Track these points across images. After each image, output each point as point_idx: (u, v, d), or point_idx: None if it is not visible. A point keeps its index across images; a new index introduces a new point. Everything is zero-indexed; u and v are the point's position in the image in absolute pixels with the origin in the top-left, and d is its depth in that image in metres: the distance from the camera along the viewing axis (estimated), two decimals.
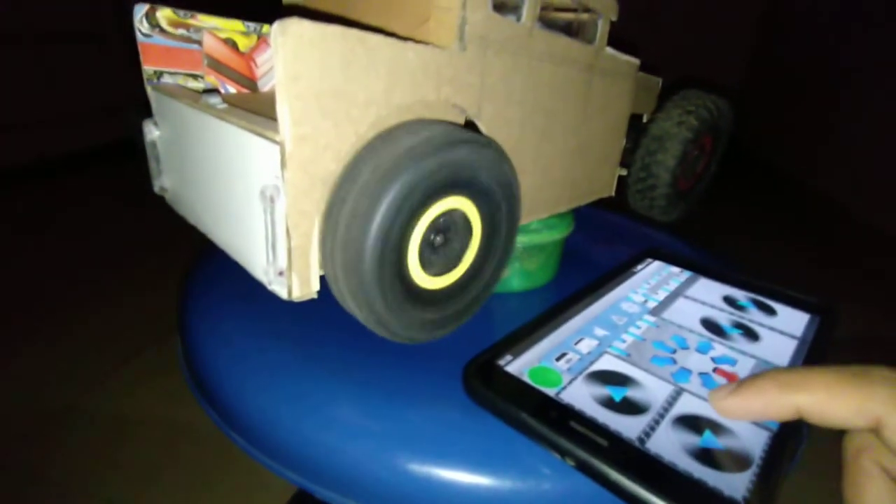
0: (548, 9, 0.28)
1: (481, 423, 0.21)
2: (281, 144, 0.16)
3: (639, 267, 0.32)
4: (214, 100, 0.21)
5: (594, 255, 0.38)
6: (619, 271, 0.31)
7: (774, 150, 1.93)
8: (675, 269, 0.32)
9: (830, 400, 0.16)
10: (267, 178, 0.17)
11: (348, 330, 0.24)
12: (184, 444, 0.73)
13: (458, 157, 0.18)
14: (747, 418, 0.19)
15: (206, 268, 0.31)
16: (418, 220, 0.19)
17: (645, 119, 0.38)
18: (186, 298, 0.29)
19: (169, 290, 1.07)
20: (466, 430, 0.21)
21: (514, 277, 0.32)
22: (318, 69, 0.16)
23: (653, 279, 0.30)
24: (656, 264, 0.32)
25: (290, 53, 0.15)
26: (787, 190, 1.77)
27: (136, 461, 0.70)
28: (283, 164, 0.17)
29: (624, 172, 0.36)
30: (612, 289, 0.29)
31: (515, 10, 0.22)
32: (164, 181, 0.26)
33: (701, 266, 0.32)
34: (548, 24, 0.24)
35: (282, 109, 0.16)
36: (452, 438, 0.21)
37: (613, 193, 0.35)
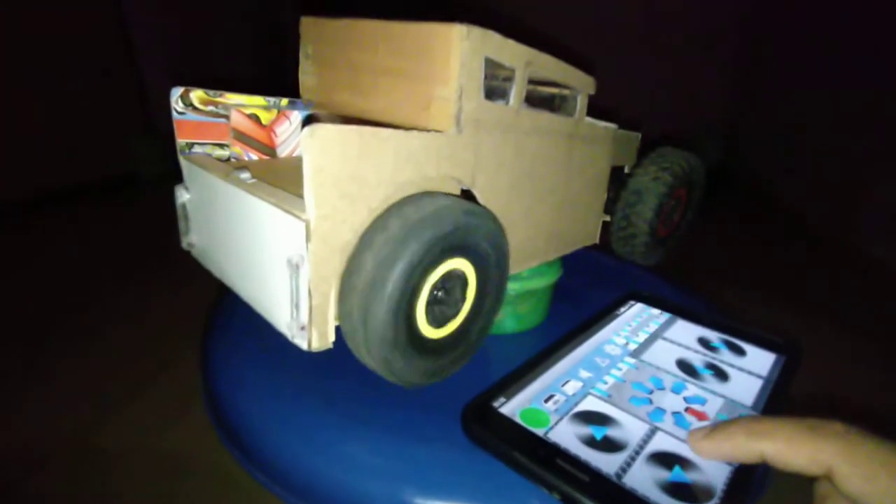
0: (533, 84, 0.32)
1: (479, 461, 0.23)
2: (307, 222, 0.19)
3: (622, 309, 0.34)
4: (244, 175, 0.24)
5: (582, 296, 0.41)
6: (604, 314, 0.33)
7: (764, 180, 1.99)
8: (656, 312, 0.34)
9: (789, 449, 0.19)
10: (293, 248, 0.20)
11: (358, 375, 0.27)
12: (189, 478, 0.74)
13: (458, 225, 0.21)
14: (718, 459, 0.21)
15: (227, 312, 0.34)
16: (425, 280, 0.22)
17: (626, 170, 0.42)
18: (210, 340, 0.32)
19: (177, 320, 1.09)
20: (465, 467, 0.23)
21: (508, 320, 0.34)
22: (339, 161, 0.19)
23: (634, 321, 0.33)
24: (638, 307, 0.35)
25: (316, 152, 0.18)
26: (776, 219, 1.82)
27: (148, 492, 0.71)
28: (307, 238, 0.20)
29: (608, 219, 0.39)
30: (596, 331, 0.31)
31: (504, 94, 0.26)
32: (192, 238, 0.29)
33: (679, 308, 0.35)
34: (533, 98, 0.28)
35: (308, 195, 0.19)
36: (453, 475, 0.23)
37: (597, 241, 0.38)
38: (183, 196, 0.28)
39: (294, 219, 0.20)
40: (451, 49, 0.22)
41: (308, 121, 0.19)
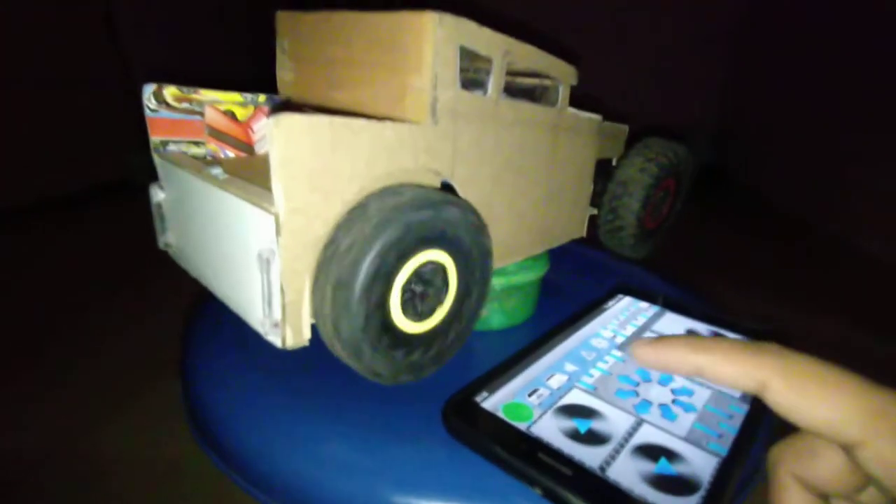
0: (513, 75, 0.31)
1: (460, 458, 0.22)
2: (276, 216, 0.19)
3: (610, 303, 0.34)
4: (216, 171, 0.23)
5: (571, 290, 0.41)
6: (591, 308, 0.33)
7: (752, 177, 1.99)
8: (644, 305, 0.34)
9: (726, 363, 0.19)
10: (263, 242, 0.20)
11: (338, 374, 0.26)
12: (181, 483, 0.73)
13: (427, 216, 0.21)
14: (657, 368, 0.22)
15: (205, 317, 0.33)
16: (398, 273, 0.21)
17: (614, 163, 0.41)
18: (188, 346, 0.31)
19: (164, 331, 1.08)
20: (446, 464, 0.23)
21: (494, 316, 0.34)
22: (308, 152, 0.19)
23: (622, 315, 0.32)
24: (626, 300, 0.34)
25: (283, 142, 0.18)
26: (765, 215, 1.82)
27: (141, 499, 0.70)
28: (277, 232, 0.19)
29: (595, 212, 0.39)
30: (583, 325, 0.31)
31: (483, 82, 0.25)
32: (169, 238, 0.28)
33: (668, 301, 0.34)
34: (513, 90, 0.27)
35: (276, 187, 0.18)
36: (433, 472, 0.22)
37: (584, 234, 0.38)
38: (158, 195, 0.28)
39: (263, 212, 0.19)
40: (423, 37, 0.22)
41: (275, 111, 0.18)
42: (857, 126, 1.50)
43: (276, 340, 0.21)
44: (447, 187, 0.25)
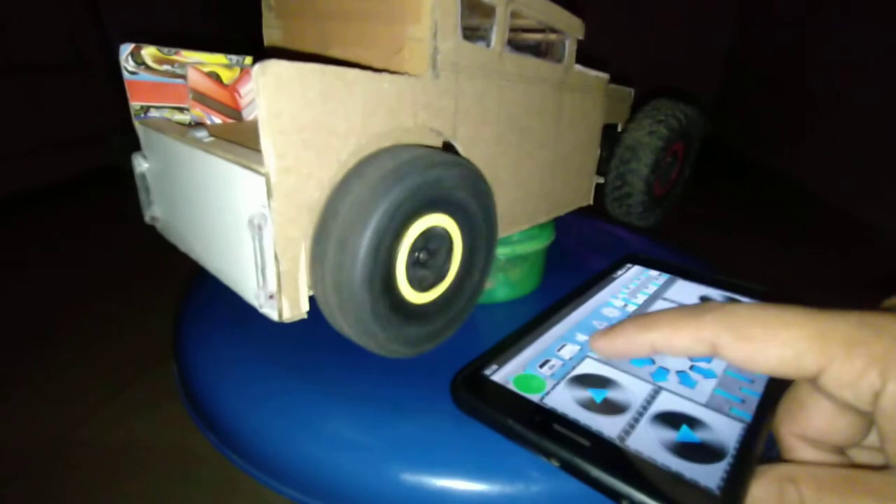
0: (517, 31, 0.29)
1: (470, 432, 0.21)
2: (266, 176, 0.17)
3: (619, 272, 0.33)
4: (201, 133, 0.21)
5: (577, 262, 0.39)
6: (600, 277, 0.32)
7: (754, 145, 1.97)
8: (654, 273, 0.33)
9: (674, 334, 0.19)
10: (254, 207, 0.18)
11: (339, 348, 0.25)
12: (182, 469, 0.73)
13: (433, 177, 0.19)
14: (616, 357, 0.22)
15: (199, 294, 0.32)
16: (402, 238, 0.20)
17: (619, 128, 0.40)
18: (181, 324, 0.30)
19: (158, 317, 1.07)
20: (456, 439, 0.22)
21: (500, 288, 0.33)
22: (298, 105, 0.17)
23: (632, 283, 0.31)
24: (636, 269, 0.33)
25: (271, 91, 0.16)
26: (767, 183, 1.81)
27: (135, 490, 0.70)
28: (268, 194, 0.17)
29: (601, 180, 0.37)
30: (593, 295, 0.30)
31: (485, 36, 0.23)
32: (155, 211, 0.27)
33: (678, 268, 0.33)
34: (517, 45, 0.25)
35: (266, 144, 0.17)
36: (443, 448, 0.21)
37: (591, 202, 0.36)
38: (141, 165, 0.26)
39: (252, 174, 0.18)
40: None
41: (259, 59, 0.16)
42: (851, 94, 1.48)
43: (272, 313, 0.19)
44: (448, 148, 0.24)
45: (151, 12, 1.89)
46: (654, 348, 0.20)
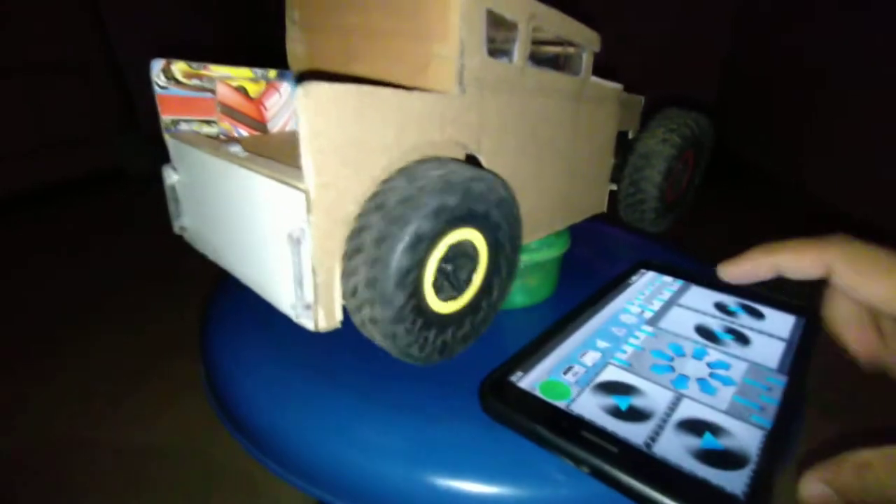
0: (536, 45, 0.30)
1: (497, 437, 0.22)
2: (306, 192, 0.18)
3: (633, 278, 0.33)
4: (235, 149, 0.22)
5: (590, 268, 0.40)
6: (615, 284, 0.32)
7: (755, 151, 1.98)
8: (668, 279, 0.33)
9: (797, 256, 0.23)
10: (293, 221, 0.19)
11: (365, 354, 0.26)
12: (199, 467, 0.74)
13: (466, 192, 0.20)
14: (745, 279, 0.27)
15: (225, 299, 0.32)
16: (433, 250, 0.20)
17: (630, 135, 0.40)
18: (208, 329, 0.30)
19: (165, 317, 1.07)
20: (484, 443, 0.22)
21: (517, 294, 0.33)
22: (336, 124, 0.18)
23: (647, 289, 0.32)
24: (650, 275, 0.34)
25: (312, 112, 0.17)
26: (768, 188, 1.81)
27: (155, 489, 0.71)
28: (308, 210, 0.18)
29: (614, 187, 0.38)
30: (609, 301, 0.30)
31: (508, 52, 0.24)
32: (184, 221, 0.27)
33: (692, 274, 0.34)
34: (537, 58, 0.26)
35: (306, 161, 0.17)
36: (472, 452, 0.22)
37: (605, 209, 0.37)
38: (171, 177, 0.27)
39: (293, 189, 0.18)
40: (449, 2, 0.21)
41: (300, 80, 0.17)
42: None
43: (308, 323, 0.20)
44: (472, 160, 0.24)
45: (151, 13, 1.89)
46: (778, 269, 0.24)
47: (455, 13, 0.20)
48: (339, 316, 0.21)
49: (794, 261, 0.22)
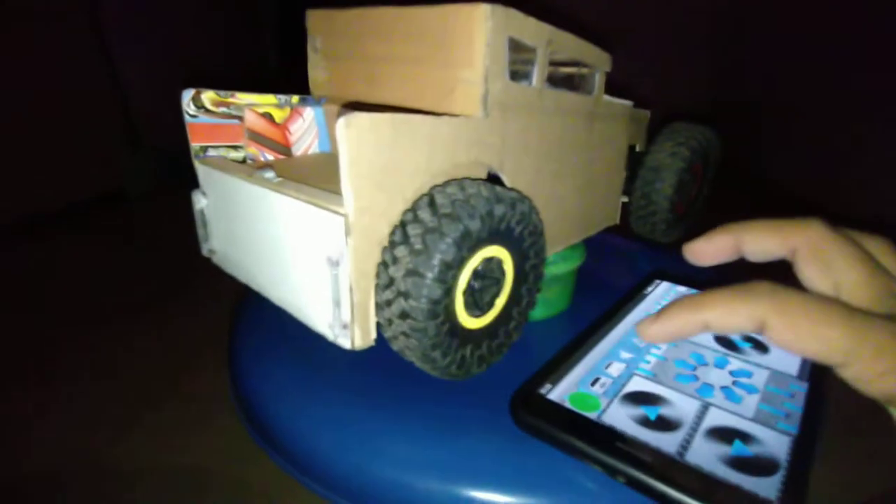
0: (553, 66, 0.31)
1: (527, 448, 0.22)
2: (346, 216, 0.19)
3: (648, 289, 0.34)
4: (269, 174, 0.23)
5: (602, 280, 0.41)
6: (631, 295, 0.33)
7: (746, 154, 2.00)
8: (682, 289, 0.34)
9: (730, 314, 0.21)
10: (332, 244, 0.20)
11: (391, 369, 0.26)
12: (213, 488, 0.73)
13: (497, 211, 0.21)
14: (669, 340, 0.24)
15: (249, 317, 0.33)
16: (460, 276, 0.21)
17: (638, 148, 0.41)
18: (236, 346, 0.31)
19: (179, 334, 1.07)
20: (516, 456, 0.23)
21: (536, 307, 0.34)
22: (374, 151, 0.18)
23: (663, 300, 0.33)
24: (664, 285, 0.35)
25: (353, 141, 0.18)
26: (770, 196, 1.83)
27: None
28: (347, 233, 0.19)
29: (626, 199, 0.39)
30: (627, 312, 0.31)
31: (527, 75, 0.25)
32: (213, 244, 0.28)
33: (705, 284, 0.34)
34: (553, 80, 0.27)
35: (346, 187, 0.18)
36: (505, 464, 0.22)
37: (618, 222, 0.38)
38: (200, 202, 0.27)
39: (332, 214, 0.19)
40: (475, 30, 0.21)
41: (342, 112, 0.18)
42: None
43: (345, 342, 0.21)
44: (493, 179, 0.25)
45: (154, 35, 1.92)
46: (707, 327, 0.22)
47: (481, 41, 0.21)
48: (373, 334, 0.22)
49: (727, 318, 0.21)
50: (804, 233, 0.23)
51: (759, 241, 0.24)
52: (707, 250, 0.26)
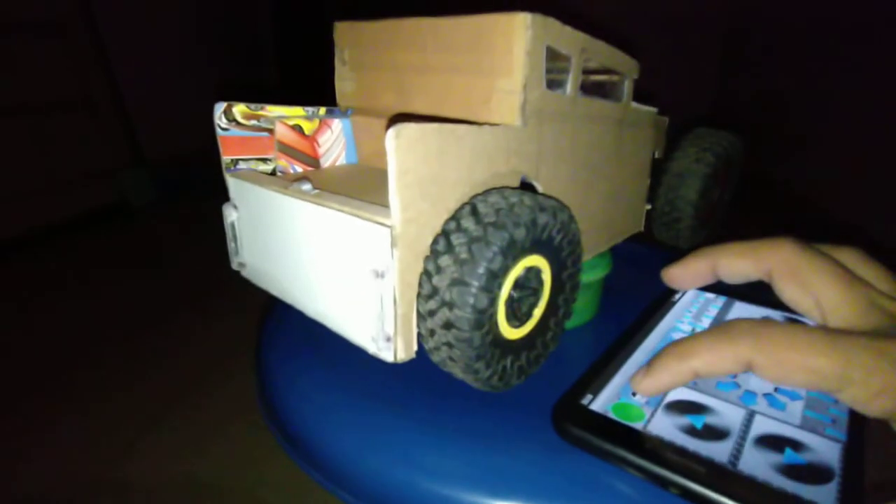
0: (585, 74, 0.31)
1: (568, 461, 0.22)
2: (392, 228, 0.18)
3: (677, 296, 0.34)
4: (306, 186, 0.23)
5: (626, 288, 0.40)
6: (660, 303, 0.33)
7: (753, 158, 2.00)
8: (711, 296, 0.34)
9: (716, 359, 0.21)
10: (377, 256, 0.19)
11: (421, 379, 0.26)
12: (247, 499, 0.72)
13: (540, 220, 0.21)
14: (663, 391, 0.23)
15: (274, 327, 0.33)
16: (505, 280, 0.21)
17: (657, 155, 0.41)
18: (263, 355, 0.31)
19: (187, 350, 1.07)
20: (557, 468, 0.22)
21: None
22: (421, 161, 0.18)
23: (693, 307, 0.32)
24: (691, 292, 0.34)
25: (402, 152, 0.18)
26: (776, 197, 1.83)
27: None
28: (393, 244, 0.19)
29: (649, 207, 0.38)
30: (659, 320, 0.31)
31: (562, 83, 0.25)
32: (244, 258, 0.28)
33: (734, 291, 0.34)
34: (585, 87, 0.27)
35: (393, 199, 0.18)
36: (542, 477, 0.22)
37: (643, 229, 0.38)
38: (232, 215, 0.27)
39: (377, 226, 0.19)
40: (514, 39, 0.22)
41: (391, 123, 0.18)
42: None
43: (388, 356, 0.20)
44: (527, 187, 0.25)
45: (157, 49, 1.93)
46: (697, 374, 0.22)
47: (521, 50, 0.21)
48: (415, 346, 0.21)
49: (714, 364, 0.21)
50: (776, 254, 0.23)
51: (732, 264, 0.25)
52: (684, 276, 0.28)
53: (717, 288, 0.34)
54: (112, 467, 0.79)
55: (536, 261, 0.22)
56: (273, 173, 0.29)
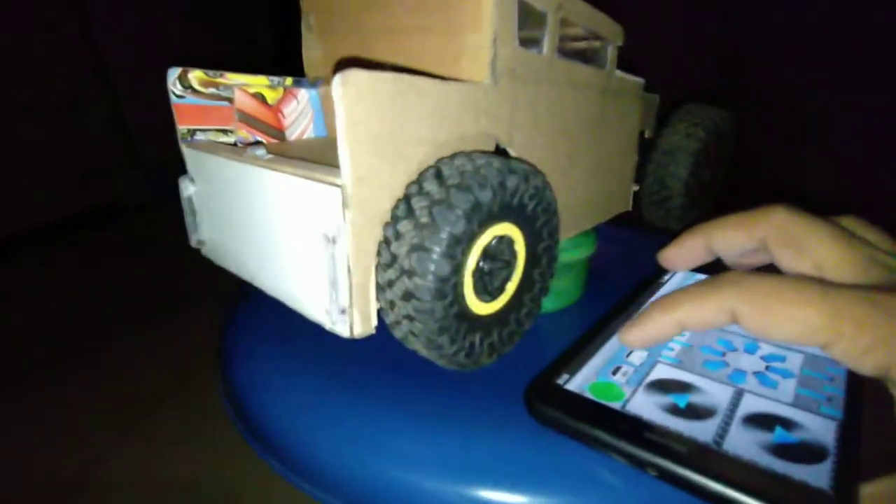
0: (564, 40, 0.29)
1: (544, 445, 0.21)
2: (343, 187, 0.17)
3: (665, 277, 0.32)
4: (260, 152, 0.21)
5: (613, 270, 0.39)
6: (648, 284, 0.31)
7: (752, 152, 1.99)
8: (700, 276, 0.32)
9: (699, 308, 0.20)
10: (328, 219, 0.18)
11: (393, 362, 0.25)
12: (220, 497, 0.71)
13: (510, 184, 0.19)
14: (650, 343, 0.22)
15: (242, 314, 0.31)
16: (469, 254, 0.19)
17: (647, 135, 0.40)
18: (227, 346, 0.29)
19: (173, 350, 1.05)
20: (533, 452, 0.21)
21: (546, 298, 0.32)
22: (374, 114, 0.17)
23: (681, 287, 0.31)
24: (680, 274, 0.33)
25: (350, 101, 0.16)
26: (768, 188, 1.81)
27: None
28: (344, 205, 0.17)
29: (636, 188, 0.37)
30: (645, 300, 0.29)
31: (537, 43, 0.23)
32: (202, 234, 0.26)
33: (723, 270, 0.33)
34: (564, 51, 0.25)
35: (343, 153, 0.16)
36: (521, 462, 0.21)
37: (630, 208, 0.36)
38: (188, 189, 0.26)
39: (327, 186, 0.18)
40: None
41: (338, 68, 0.16)
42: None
43: (343, 330, 0.19)
44: (501, 153, 0.23)
45: (151, 49, 1.91)
46: (682, 325, 0.21)
47: (488, 3, 0.20)
48: (374, 321, 0.20)
49: (697, 313, 0.20)
50: (770, 221, 0.22)
51: (727, 237, 0.24)
52: (680, 255, 0.27)
53: (708, 269, 0.33)
54: (91, 467, 0.78)
55: (508, 229, 0.21)
56: (234, 145, 0.27)
